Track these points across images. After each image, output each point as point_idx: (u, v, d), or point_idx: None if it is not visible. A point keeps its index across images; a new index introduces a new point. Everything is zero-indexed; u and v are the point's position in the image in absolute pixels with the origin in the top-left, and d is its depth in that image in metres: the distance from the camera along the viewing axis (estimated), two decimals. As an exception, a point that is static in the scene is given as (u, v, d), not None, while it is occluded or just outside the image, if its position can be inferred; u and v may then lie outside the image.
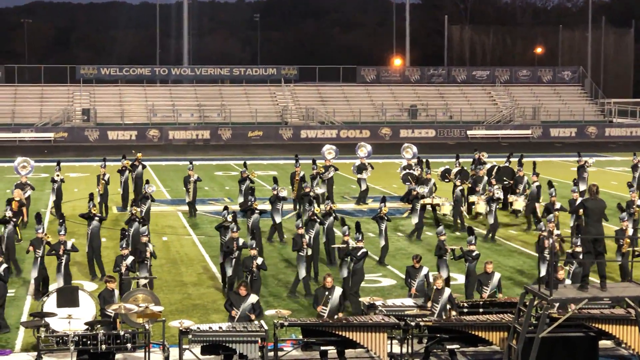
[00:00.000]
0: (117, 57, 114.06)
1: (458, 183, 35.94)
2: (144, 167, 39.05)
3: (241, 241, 24.64)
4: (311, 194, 32.75)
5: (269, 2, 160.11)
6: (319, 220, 27.57)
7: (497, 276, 21.94)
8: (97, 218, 27.50)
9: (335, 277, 20.97)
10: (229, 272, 24.65)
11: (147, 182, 34.23)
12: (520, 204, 35.67)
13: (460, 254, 23.84)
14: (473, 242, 23.80)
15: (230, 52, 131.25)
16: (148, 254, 23.83)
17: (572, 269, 23.06)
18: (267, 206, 31.98)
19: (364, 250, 23.58)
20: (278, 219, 31.77)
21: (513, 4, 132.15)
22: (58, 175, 35.67)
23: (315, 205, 28.81)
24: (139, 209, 28.58)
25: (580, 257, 22.86)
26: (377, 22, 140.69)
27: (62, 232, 24.52)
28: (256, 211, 29.24)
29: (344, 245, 24.36)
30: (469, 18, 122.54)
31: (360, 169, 40.19)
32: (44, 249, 24.76)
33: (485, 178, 37.38)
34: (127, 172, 38.02)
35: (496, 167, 39.14)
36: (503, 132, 78.74)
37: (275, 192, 31.65)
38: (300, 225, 25.56)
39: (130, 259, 22.96)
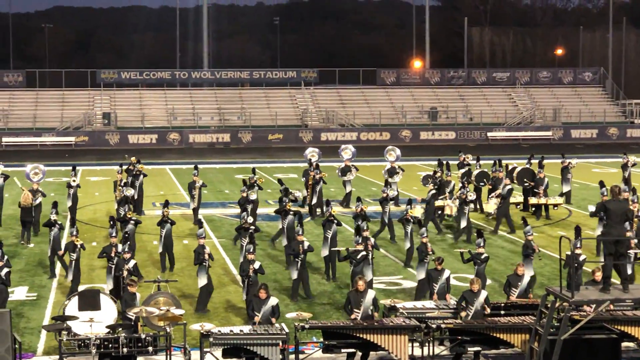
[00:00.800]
0: (137, 60, 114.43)
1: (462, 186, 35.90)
2: (144, 175, 38.37)
3: (306, 244, 24.73)
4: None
5: (288, 5, 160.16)
6: (336, 221, 27.62)
7: (527, 279, 21.84)
8: (132, 221, 27.52)
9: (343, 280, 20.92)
10: (294, 275, 24.67)
11: (125, 184, 34.68)
12: (491, 207, 35.61)
13: (469, 256, 23.78)
14: (482, 244, 23.73)
15: (250, 55, 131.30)
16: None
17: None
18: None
19: (363, 253, 23.55)
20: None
21: (533, 5, 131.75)
22: (74, 181, 35.64)
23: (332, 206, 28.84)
24: (169, 210, 28.78)
25: (581, 259, 22.87)
26: (396, 24, 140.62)
27: (114, 235, 24.69)
28: (290, 212, 29.17)
29: (343, 249, 24.59)
30: (489, 19, 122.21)
31: (392, 172, 39.75)
32: (78, 252, 24.95)
33: (546, 180, 37.52)
34: (142, 176, 37.81)
35: (517, 169, 39.07)
36: (523, 133, 78.55)
37: (243, 195, 32.39)
38: (300, 233, 25.19)
39: (133, 262, 22.98)
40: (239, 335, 18.73)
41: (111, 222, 26.05)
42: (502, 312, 20.58)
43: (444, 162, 39.31)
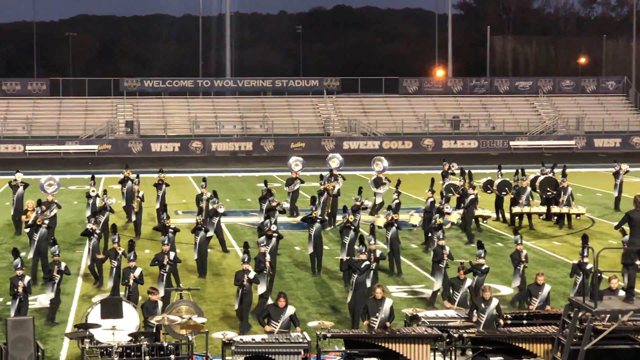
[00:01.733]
0: (160, 69, 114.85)
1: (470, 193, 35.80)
2: (167, 185, 37.92)
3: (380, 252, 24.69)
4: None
5: (311, 14, 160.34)
6: (353, 228, 27.69)
7: (547, 288, 21.73)
8: (171, 230, 27.54)
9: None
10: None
11: (105, 192, 34.76)
12: (454, 217, 35.36)
13: (469, 267, 23.58)
14: (482, 255, 23.60)
15: (272, 64, 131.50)
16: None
17: (578, 280, 23.14)
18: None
19: (366, 262, 23.43)
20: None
21: (556, 14, 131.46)
22: (94, 191, 35.59)
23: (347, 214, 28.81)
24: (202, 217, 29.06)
25: (587, 267, 22.81)
26: (419, 33, 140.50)
27: (166, 242, 24.79)
28: (317, 220, 29.12)
29: (347, 258, 24.63)
30: (512, 28, 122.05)
31: (378, 183, 39.42)
32: (119, 259, 25.08)
33: (529, 189, 37.29)
34: (130, 182, 37.38)
35: (540, 178, 38.94)
36: (546, 142, 78.35)
37: (274, 204, 32.73)
38: (263, 243, 24.79)
39: (139, 270, 23.02)
40: (260, 344, 18.73)
41: (162, 231, 26.80)
42: (525, 321, 20.50)
43: (466, 171, 39.18)
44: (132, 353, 18.67)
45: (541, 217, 38.34)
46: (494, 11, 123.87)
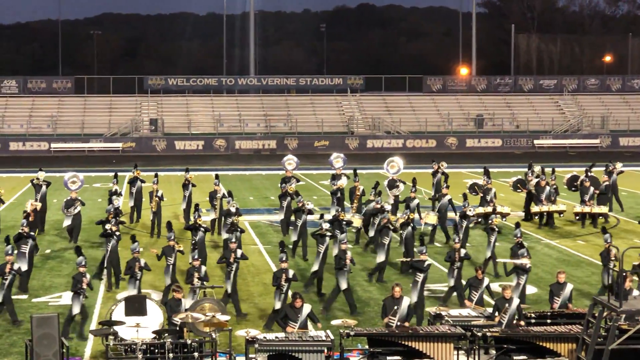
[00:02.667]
0: (184, 67, 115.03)
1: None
2: (193, 185, 37.65)
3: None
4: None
5: (335, 12, 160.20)
6: (392, 228, 27.69)
7: (569, 287, 21.65)
8: (202, 229, 27.49)
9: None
10: (343, 285, 24.17)
11: (116, 192, 34.47)
12: (432, 218, 34.69)
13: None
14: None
15: (296, 62, 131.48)
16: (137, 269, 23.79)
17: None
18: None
19: (429, 262, 23.48)
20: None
21: (581, 12, 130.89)
22: (116, 190, 35.53)
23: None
24: (202, 218, 28.61)
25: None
26: (443, 32, 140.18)
27: (233, 240, 24.71)
28: (344, 223, 28.76)
29: (408, 259, 24.50)
30: (536, 26, 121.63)
31: (392, 185, 37.95)
32: (175, 256, 25.13)
33: (548, 188, 37.08)
34: (139, 182, 37.47)
35: (579, 178, 38.91)
36: (570, 141, 78.01)
37: (300, 204, 31.79)
38: (284, 259, 22.99)
39: (203, 269, 23.06)
40: (284, 342, 18.77)
41: (192, 231, 27.14)
42: (549, 321, 20.45)
43: (489, 170, 39.15)
44: (156, 350, 18.75)
45: (562, 215, 38.00)
46: (519, 9, 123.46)
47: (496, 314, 19.96)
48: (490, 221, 28.99)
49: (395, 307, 19.86)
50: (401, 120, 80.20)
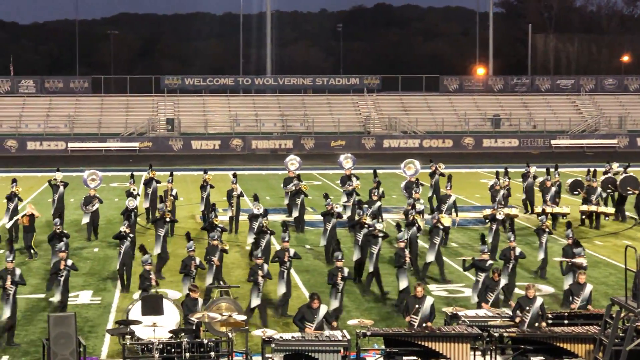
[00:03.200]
0: (201, 67, 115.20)
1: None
2: (211, 187, 37.50)
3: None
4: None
5: (351, 12, 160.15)
6: (442, 228, 28.02)
7: (589, 287, 21.58)
8: (219, 229, 27.48)
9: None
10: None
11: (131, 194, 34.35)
12: (448, 220, 33.67)
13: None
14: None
15: (313, 62, 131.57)
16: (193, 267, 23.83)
17: None
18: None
19: (490, 262, 23.46)
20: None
21: (599, 12, 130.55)
22: (134, 190, 35.46)
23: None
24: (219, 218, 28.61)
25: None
26: (460, 32, 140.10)
27: (287, 239, 24.73)
28: (365, 226, 28.06)
29: (469, 258, 24.40)
30: (554, 26, 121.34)
31: (409, 188, 36.98)
32: (221, 255, 25.14)
33: (599, 189, 37.12)
34: (154, 183, 37.33)
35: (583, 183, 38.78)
36: (588, 141, 77.76)
37: (328, 207, 30.75)
38: (259, 255, 23.34)
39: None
40: (300, 342, 18.76)
41: (209, 230, 27.19)
42: (566, 321, 20.38)
43: (504, 170, 39.02)
44: (173, 350, 18.76)
45: (607, 217, 37.76)
46: (536, 9, 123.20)
47: (518, 313, 19.89)
48: (541, 222, 28.46)
49: (417, 306, 19.84)
50: (418, 120, 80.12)
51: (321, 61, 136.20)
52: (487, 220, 34.50)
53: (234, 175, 36.99)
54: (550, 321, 20.24)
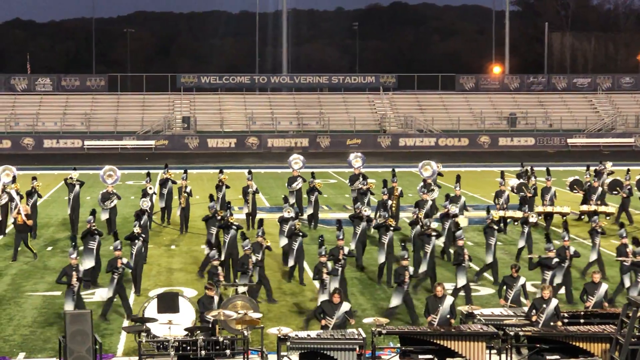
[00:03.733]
0: (217, 65, 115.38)
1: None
2: (227, 187, 37.31)
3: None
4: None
5: (367, 10, 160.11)
6: (497, 228, 27.74)
7: (604, 287, 21.54)
8: (234, 227, 27.48)
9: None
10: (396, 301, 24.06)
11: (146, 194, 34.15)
12: (463, 220, 33.61)
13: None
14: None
15: (328, 60, 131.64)
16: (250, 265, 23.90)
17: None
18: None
19: (556, 259, 23.60)
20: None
21: (616, 10, 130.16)
22: (150, 189, 35.44)
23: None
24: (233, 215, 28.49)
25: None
26: (476, 30, 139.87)
27: (341, 237, 24.66)
28: (391, 228, 27.63)
29: (535, 256, 24.37)
30: (570, 25, 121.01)
31: (428, 188, 35.72)
32: (263, 253, 25.21)
33: (600, 189, 36.82)
34: (170, 183, 37.07)
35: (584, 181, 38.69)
36: (604, 140, 77.54)
37: (357, 211, 30.02)
38: (322, 253, 23.17)
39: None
40: (315, 340, 18.76)
41: (224, 229, 27.00)
42: (582, 320, 20.34)
43: (529, 168, 38.82)
44: (188, 347, 18.79)
45: (608, 217, 37.15)
46: (552, 7, 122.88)
47: (533, 313, 19.86)
48: (595, 223, 27.91)
49: (439, 306, 19.85)
50: (433, 119, 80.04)
51: (337, 59, 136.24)
52: (516, 223, 34.40)
53: (249, 172, 37.17)
54: (566, 320, 20.21)
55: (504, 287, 22.18)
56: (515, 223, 35.36)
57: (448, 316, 19.83)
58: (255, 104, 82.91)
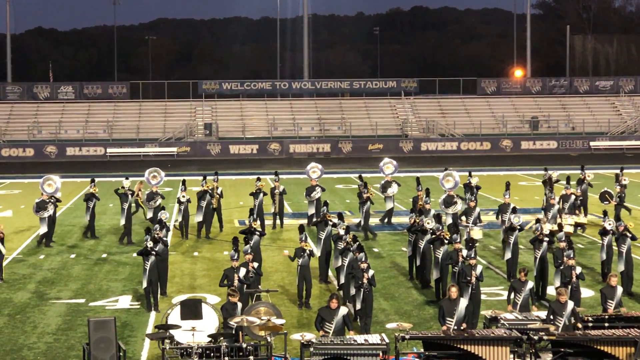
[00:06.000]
0: (238, 71, 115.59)
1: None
2: (212, 196, 36.26)
3: None
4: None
5: (388, 15, 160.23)
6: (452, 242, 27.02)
7: (620, 290, 21.45)
8: (257, 233, 27.45)
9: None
10: None
11: (163, 208, 33.17)
12: (477, 233, 31.79)
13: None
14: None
15: (350, 65, 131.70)
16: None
17: None
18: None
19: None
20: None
21: (638, 12, 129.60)
22: (184, 197, 35.30)
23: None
24: (258, 222, 28.50)
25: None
26: (497, 33, 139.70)
27: (460, 241, 24.54)
28: (445, 242, 26.48)
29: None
30: (592, 27, 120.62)
31: (448, 203, 34.81)
32: (308, 258, 25.18)
33: (573, 197, 34.88)
34: (208, 196, 35.86)
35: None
36: (627, 143, 77.22)
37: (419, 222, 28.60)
38: (363, 259, 22.72)
39: (243, 271, 23.07)
40: (339, 345, 18.72)
41: (247, 235, 26.77)
42: (606, 324, 20.25)
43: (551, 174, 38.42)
44: (212, 354, 18.78)
45: (580, 228, 35.58)
46: (574, 10, 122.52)
47: (550, 318, 19.80)
48: (624, 227, 26.91)
49: (454, 309, 19.81)
50: (455, 123, 79.92)
51: (358, 64, 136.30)
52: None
53: (276, 174, 37.72)
54: (590, 324, 20.11)
55: (512, 292, 21.87)
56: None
57: (463, 319, 19.75)
58: (277, 109, 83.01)
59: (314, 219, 33.92)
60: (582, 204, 36.29)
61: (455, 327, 19.72)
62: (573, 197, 35.10)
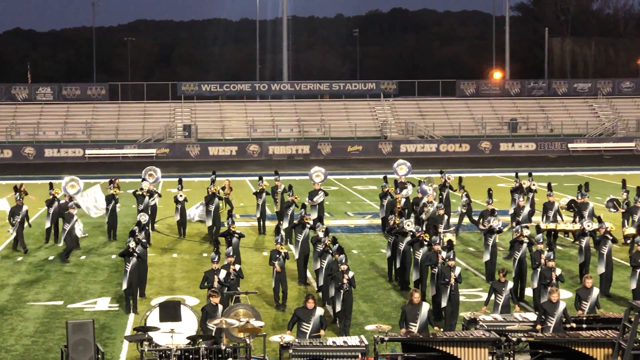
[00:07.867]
0: (218, 73, 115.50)
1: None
2: (220, 199, 35.83)
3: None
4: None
5: (368, 17, 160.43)
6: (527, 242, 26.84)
7: (595, 291, 21.48)
8: (236, 235, 27.43)
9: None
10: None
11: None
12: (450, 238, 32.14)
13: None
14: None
15: (329, 67, 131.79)
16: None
17: None
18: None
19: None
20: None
21: (615, 14, 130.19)
22: (181, 196, 35.33)
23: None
24: (236, 225, 28.42)
25: None
26: (476, 36, 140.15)
27: (344, 261, 23.77)
28: (425, 243, 26.55)
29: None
30: (570, 30, 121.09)
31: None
32: (283, 260, 25.20)
33: (556, 204, 34.27)
34: (217, 199, 35.02)
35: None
36: (605, 145, 77.56)
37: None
38: (343, 261, 22.61)
39: (224, 273, 23.02)
40: (318, 347, 18.73)
41: (227, 237, 26.99)
42: (584, 325, 20.32)
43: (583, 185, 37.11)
44: (191, 356, 18.75)
45: (566, 235, 35.08)
46: (552, 13, 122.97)
47: (542, 318, 19.83)
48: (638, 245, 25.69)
49: (417, 313, 19.81)
50: (434, 125, 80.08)
51: (338, 66, 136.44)
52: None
53: (276, 173, 38.35)
54: (568, 325, 20.17)
55: (493, 293, 21.86)
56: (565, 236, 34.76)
57: (426, 323, 19.78)
58: (256, 111, 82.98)
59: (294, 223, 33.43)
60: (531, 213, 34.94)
61: (419, 331, 19.70)
62: (556, 204, 34.35)
